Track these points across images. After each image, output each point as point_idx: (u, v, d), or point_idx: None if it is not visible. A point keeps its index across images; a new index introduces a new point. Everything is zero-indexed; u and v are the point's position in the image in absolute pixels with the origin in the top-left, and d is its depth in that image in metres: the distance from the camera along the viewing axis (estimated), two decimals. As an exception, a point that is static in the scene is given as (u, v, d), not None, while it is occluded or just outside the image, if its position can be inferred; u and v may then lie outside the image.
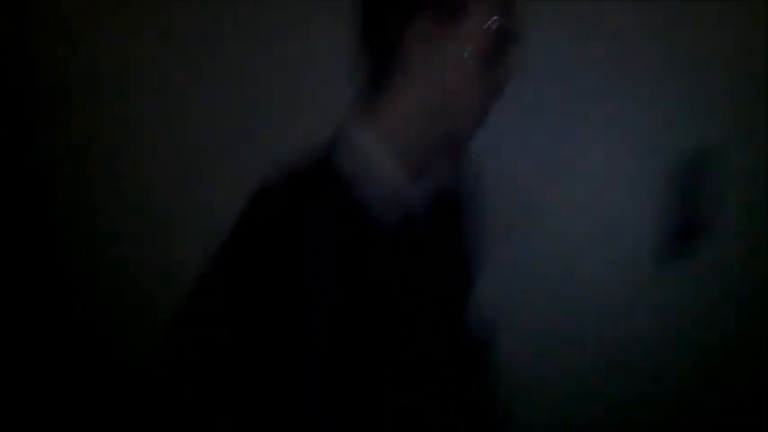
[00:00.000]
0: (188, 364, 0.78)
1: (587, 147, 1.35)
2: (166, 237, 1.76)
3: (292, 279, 0.74)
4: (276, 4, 1.71)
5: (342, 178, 0.79)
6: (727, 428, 1.71)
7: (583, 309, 1.43)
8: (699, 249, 1.30)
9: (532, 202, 1.36)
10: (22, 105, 1.75)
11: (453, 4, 0.77)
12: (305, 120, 1.70)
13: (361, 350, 0.78)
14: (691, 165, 1.27)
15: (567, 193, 1.35)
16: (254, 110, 1.73)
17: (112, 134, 1.75)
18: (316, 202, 0.76)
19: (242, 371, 0.76)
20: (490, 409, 0.94)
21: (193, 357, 0.77)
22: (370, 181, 0.79)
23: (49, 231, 1.77)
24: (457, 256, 0.92)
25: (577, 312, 1.42)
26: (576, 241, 1.37)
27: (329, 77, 1.70)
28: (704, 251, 1.66)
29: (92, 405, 1.75)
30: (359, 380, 0.79)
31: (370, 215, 0.79)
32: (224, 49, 1.72)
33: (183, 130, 1.75)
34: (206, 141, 1.75)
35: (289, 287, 0.74)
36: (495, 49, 0.79)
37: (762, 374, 1.70)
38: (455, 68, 0.79)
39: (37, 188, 1.77)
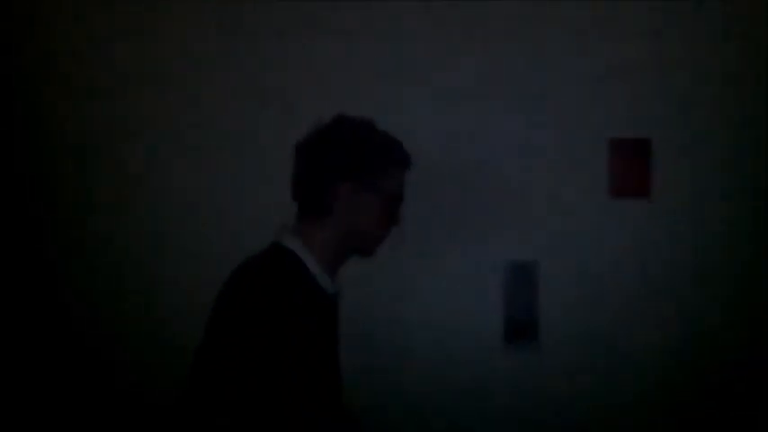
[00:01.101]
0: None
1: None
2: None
3: (286, 324, 1.06)
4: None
5: (298, 261, 1.16)
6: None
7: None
8: (531, 338, 1.69)
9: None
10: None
11: (368, 179, 1.18)
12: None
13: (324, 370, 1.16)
14: (511, 276, 1.69)
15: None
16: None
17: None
18: (286, 275, 1.12)
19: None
20: None
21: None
22: (309, 269, 1.17)
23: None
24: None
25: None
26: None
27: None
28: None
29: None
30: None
31: (317, 286, 1.17)
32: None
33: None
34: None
35: (285, 330, 1.06)
36: (392, 204, 1.22)
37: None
38: (365, 216, 1.19)
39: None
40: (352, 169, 1.17)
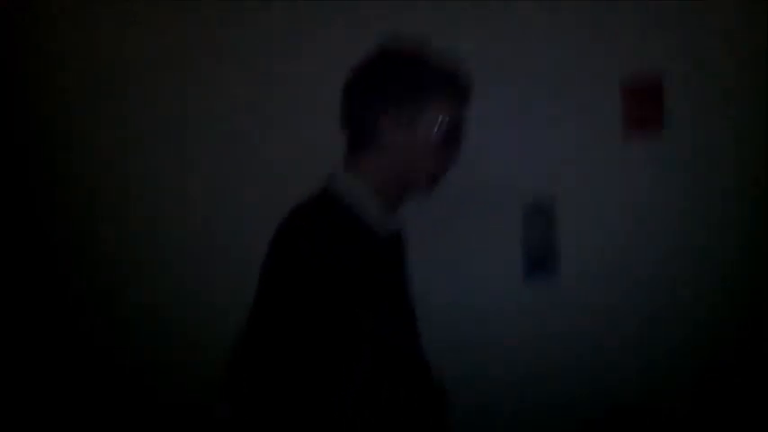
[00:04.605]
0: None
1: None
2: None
3: (339, 273, 1.00)
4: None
5: (347, 207, 1.09)
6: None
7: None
8: (550, 272, 1.75)
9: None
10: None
11: (411, 111, 1.09)
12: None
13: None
14: (532, 214, 1.73)
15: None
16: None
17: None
18: (338, 220, 1.07)
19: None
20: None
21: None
22: (365, 210, 1.10)
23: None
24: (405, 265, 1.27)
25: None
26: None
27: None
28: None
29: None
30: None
31: (371, 230, 1.10)
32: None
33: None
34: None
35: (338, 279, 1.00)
36: (446, 134, 1.11)
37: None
38: (414, 145, 1.10)
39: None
40: (393, 100, 1.08)
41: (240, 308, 1.24)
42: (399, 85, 1.09)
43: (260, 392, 1.01)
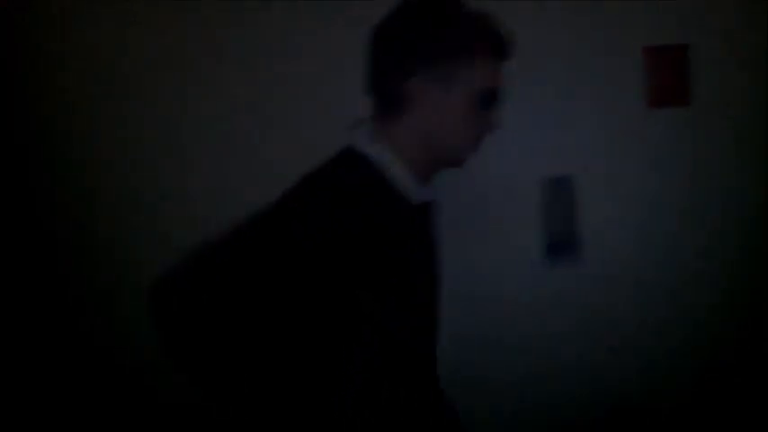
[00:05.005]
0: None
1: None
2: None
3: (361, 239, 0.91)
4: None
5: (375, 175, 0.98)
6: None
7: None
8: (571, 255, 1.70)
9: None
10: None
11: (444, 71, 0.97)
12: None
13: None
14: (551, 193, 1.66)
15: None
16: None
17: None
18: (363, 186, 0.96)
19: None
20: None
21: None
22: (393, 180, 1.00)
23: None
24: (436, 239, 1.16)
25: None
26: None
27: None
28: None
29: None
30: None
31: (397, 194, 0.99)
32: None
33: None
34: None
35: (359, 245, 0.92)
36: (481, 100, 0.99)
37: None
38: (445, 112, 0.98)
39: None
40: (422, 59, 0.96)
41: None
42: (432, 39, 0.96)
43: (253, 387, 0.96)
